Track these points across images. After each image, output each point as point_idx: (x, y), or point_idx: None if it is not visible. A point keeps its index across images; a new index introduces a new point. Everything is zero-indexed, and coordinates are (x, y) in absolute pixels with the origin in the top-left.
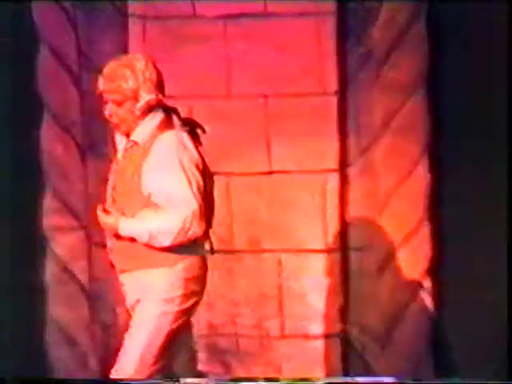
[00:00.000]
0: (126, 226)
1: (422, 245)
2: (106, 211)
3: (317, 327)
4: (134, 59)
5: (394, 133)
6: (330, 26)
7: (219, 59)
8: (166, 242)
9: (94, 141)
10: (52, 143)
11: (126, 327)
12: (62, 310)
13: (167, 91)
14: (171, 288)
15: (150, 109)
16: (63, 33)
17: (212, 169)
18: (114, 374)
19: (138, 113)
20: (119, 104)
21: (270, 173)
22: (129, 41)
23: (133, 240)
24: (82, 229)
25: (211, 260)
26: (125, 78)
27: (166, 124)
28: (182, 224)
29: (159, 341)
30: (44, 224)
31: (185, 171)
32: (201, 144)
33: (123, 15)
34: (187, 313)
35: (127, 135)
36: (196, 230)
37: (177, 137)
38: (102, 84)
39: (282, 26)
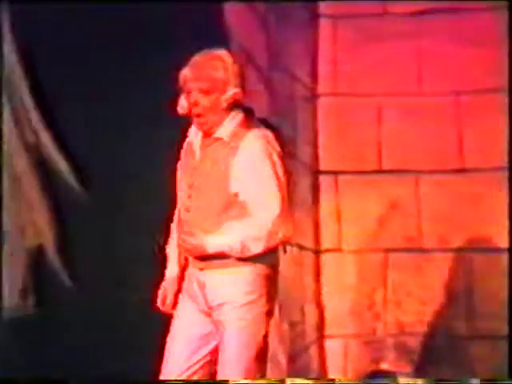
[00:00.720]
0: (215, 243)
1: None
2: (189, 233)
3: (508, 327)
4: (221, 53)
5: None
6: None
7: (410, 56)
8: (259, 249)
9: None
10: None
11: (316, 325)
12: None
13: (358, 89)
14: (251, 289)
15: (234, 104)
16: (254, 34)
17: (402, 167)
18: None
19: (224, 104)
20: (206, 93)
21: (462, 170)
22: (319, 40)
23: (222, 256)
24: None
25: (401, 259)
26: (216, 68)
27: (248, 122)
28: (271, 227)
29: (257, 349)
30: None
31: (275, 171)
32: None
33: (314, 15)
34: (270, 313)
35: (204, 131)
36: (285, 232)
37: (265, 135)
38: (188, 71)
39: (473, 21)
